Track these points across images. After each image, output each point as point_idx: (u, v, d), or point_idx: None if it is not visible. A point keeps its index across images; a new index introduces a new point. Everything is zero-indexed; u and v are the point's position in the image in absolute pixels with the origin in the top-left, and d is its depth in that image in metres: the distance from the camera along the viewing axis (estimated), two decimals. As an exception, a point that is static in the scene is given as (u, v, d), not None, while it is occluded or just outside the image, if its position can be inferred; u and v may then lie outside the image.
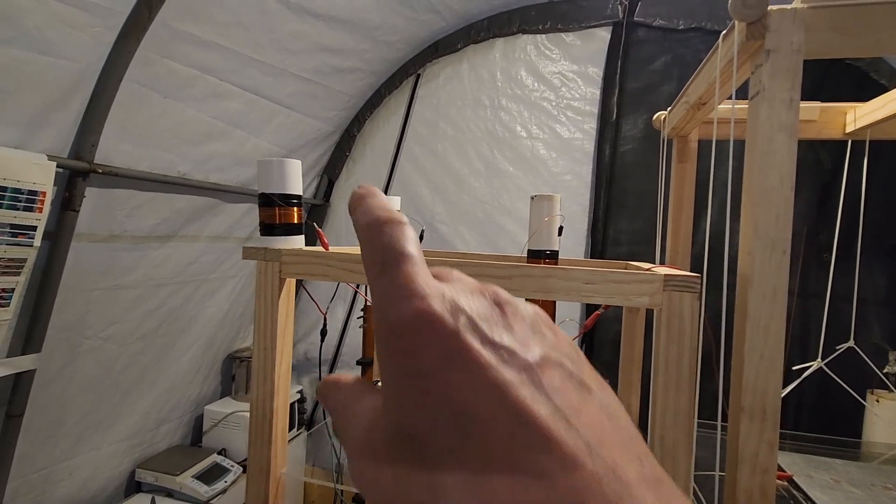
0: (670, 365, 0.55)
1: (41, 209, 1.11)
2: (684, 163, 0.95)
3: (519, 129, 2.11)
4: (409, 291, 0.15)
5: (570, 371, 0.15)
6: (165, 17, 1.21)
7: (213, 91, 1.48)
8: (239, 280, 1.99)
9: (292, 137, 1.93)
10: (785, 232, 0.52)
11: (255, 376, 0.68)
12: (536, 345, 0.15)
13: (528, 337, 0.15)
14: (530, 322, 0.16)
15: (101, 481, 1.61)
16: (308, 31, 1.60)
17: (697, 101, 0.78)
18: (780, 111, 0.52)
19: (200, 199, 1.66)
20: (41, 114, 1.11)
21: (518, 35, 2.09)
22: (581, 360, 0.16)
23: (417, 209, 2.18)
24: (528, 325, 0.16)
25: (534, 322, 0.16)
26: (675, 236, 0.97)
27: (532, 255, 0.80)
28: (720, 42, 0.62)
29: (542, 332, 0.16)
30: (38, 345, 1.26)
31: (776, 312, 0.52)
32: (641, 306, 0.58)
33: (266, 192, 0.70)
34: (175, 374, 1.82)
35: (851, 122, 0.88)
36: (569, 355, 0.16)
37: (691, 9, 1.90)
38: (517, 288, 0.61)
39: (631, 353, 0.92)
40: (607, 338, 1.95)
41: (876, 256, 1.76)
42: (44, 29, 1.03)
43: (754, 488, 0.52)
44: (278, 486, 0.70)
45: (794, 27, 0.52)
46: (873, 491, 0.74)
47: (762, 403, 0.52)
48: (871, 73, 1.75)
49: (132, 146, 1.35)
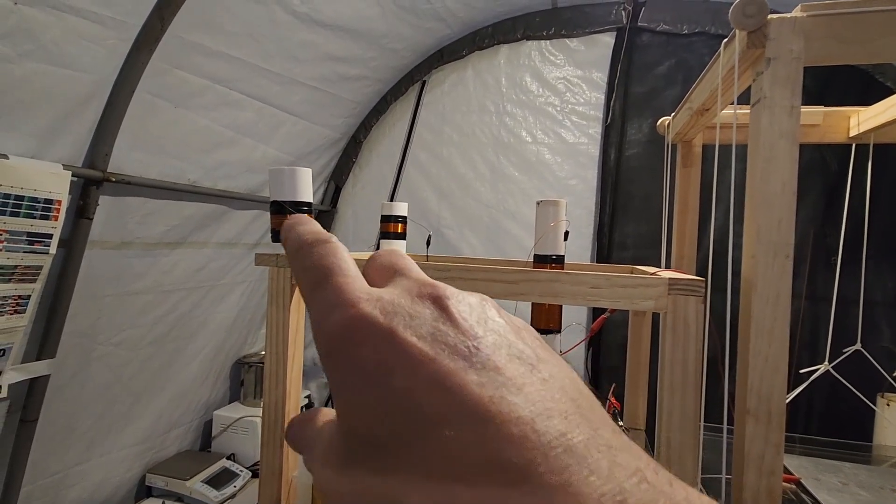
0: (676, 368, 0.55)
1: (57, 217, 1.13)
2: (688, 167, 0.96)
3: (524, 134, 2.12)
4: (340, 300, 0.15)
5: (519, 349, 0.15)
6: (177, 28, 1.24)
7: (223, 100, 1.51)
8: (247, 286, 2.01)
9: (300, 144, 1.95)
10: (787, 237, 0.53)
11: (267, 380, 0.70)
12: (479, 329, 0.15)
13: (469, 324, 0.15)
14: (475, 311, 0.16)
15: (112, 486, 1.62)
16: (316, 41, 1.62)
17: (700, 108, 0.79)
18: (781, 118, 0.53)
19: (209, 206, 1.68)
20: (57, 124, 1.14)
21: (522, 41, 2.11)
22: (531, 337, 0.16)
23: (424, 214, 2.20)
24: (470, 311, 0.15)
25: (479, 310, 0.16)
26: (681, 240, 0.98)
27: (538, 260, 0.81)
28: (722, 50, 0.63)
29: (486, 317, 0.16)
30: (53, 350, 1.28)
31: (780, 316, 0.53)
32: (646, 310, 0.59)
33: (277, 199, 0.72)
34: (185, 380, 1.84)
35: (855, 127, 0.88)
36: (518, 334, 0.16)
37: (694, 13, 1.91)
38: (524, 292, 0.62)
39: (637, 357, 0.93)
40: (614, 342, 1.95)
41: (886, 259, 1.75)
42: (61, 42, 1.05)
43: (761, 490, 0.52)
44: (290, 488, 0.71)
45: (793, 35, 0.53)
46: (882, 493, 0.74)
47: (767, 406, 0.52)
48: (877, 75, 1.75)
49: (144, 154, 1.38)
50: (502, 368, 0.14)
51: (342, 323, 0.15)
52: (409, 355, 0.14)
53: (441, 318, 0.15)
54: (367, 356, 0.14)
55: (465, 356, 0.14)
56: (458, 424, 0.13)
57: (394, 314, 0.15)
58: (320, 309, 0.16)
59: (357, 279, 0.16)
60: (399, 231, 1.07)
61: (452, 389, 0.13)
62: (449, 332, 0.15)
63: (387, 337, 0.14)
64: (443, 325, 0.15)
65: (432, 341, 0.14)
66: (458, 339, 0.14)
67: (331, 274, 0.16)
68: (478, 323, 0.15)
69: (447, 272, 0.65)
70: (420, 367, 0.14)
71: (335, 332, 0.15)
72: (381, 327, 0.14)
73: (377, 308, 0.15)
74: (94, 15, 1.08)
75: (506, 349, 0.15)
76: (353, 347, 0.15)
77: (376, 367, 0.14)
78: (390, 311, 0.15)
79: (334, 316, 0.15)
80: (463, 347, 0.14)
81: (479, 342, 0.14)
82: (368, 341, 0.14)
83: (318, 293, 0.16)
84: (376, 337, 0.14)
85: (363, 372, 0.14)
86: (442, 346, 0.14)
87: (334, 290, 0.16)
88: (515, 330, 0.16)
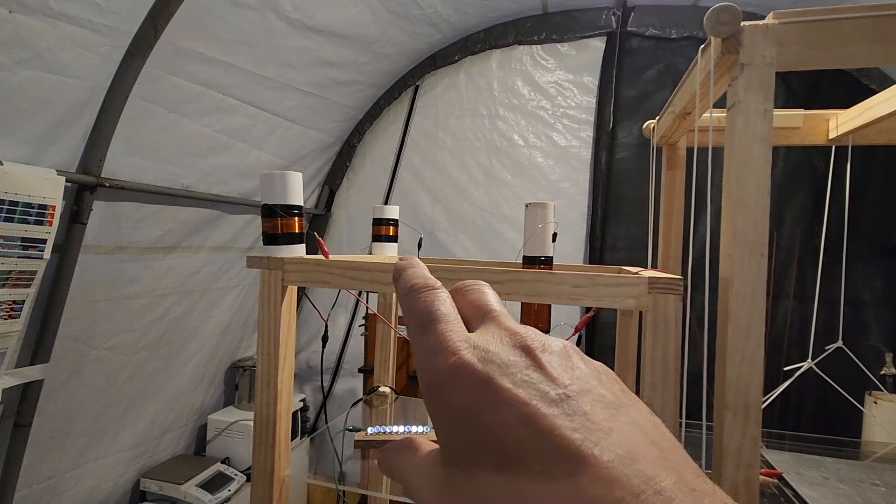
0: (656, 364, 0.57)
1: (51, 222, 1.14)
2: (673, 170, 0.98)
3: (516, 137, 2.15)
4: (443, 347, 0.17)
5: (601, 394, 0.16)
6: (171, 35, 1.26)
7: (217, 106, 1.52)
8: (241, 290, 2.02)
9: (294, 149, 1.97)
10: (762, 236, 0.55)
11: (258, 381, 0.71)
12: (566, 377, 0.16)
13: (557, 371, 0.16)
14: (559, 357, 0.17)
15: (106, 490, 1.62)
16: (309, 46, 1.64)
17: (682, 111, 0.81)
18: (755, 122, 0.55)
19: (203, 211, 1.69)
20: (51, 130, 1.15)
21: (514, 46, 2.14)
22: (611, 381, 0.18)
23: (417, 218, 2.22)
24: (557, 359, 0.17)
25: (563, 356, 0.17)
26: (667, 241, 1.00)
27: (527, 262, 0.82)
28: (699, 56, 0.65)
29: (571, 365, 0.17)
30: (47, 355, 1.29)
31: (756, 313, 0.54)
32: (628, 308, 0.61)
33: (268, 203, 0.73)
34: (179, 384, 1.84)
35: (834, 129, 0.90)
36: (599, 379, 0.17)
37: (682, 18, 1.94)
38: (510, 292, 0.63)
39: (625, 357, 0.94)
40: (607, 344, 1.96)
41: (873, 259, 1.78)
42: (55, 50, 1.07)
43: (739, 483, 0.54)
44: (282, 488, 0.72)
45: (766, 42, 0.55)
46: (861, 487, 0.76)
47: (745, 400, 0.54)
48: (862, 78, 1.78)
49: (138, 160, 1.39)
50: (590, 414, 0.15)
51: (446, 367, 0.17)
52: (504, 399, 0.16)
53: (532, 366, 0.16)
54: (469, 400, 0.16)
55: (556, 402, 0.15)
56: (547, 462, 0.14)
57: (489, 362, 0.16)
58: (425, 352, 0.18)
59: (457, 326, 0.18)
60: (391, 234, 1.09)
61: (545, 430, 0.15)
62: (540, 379, 0.16)
63: (484, 382, 0.16)
64: (534, 373, 0.16)
65: (526, 387, 0.16)
66: (549, 386, 0.16)
67: (435, 320, 0.18)
68: (564, 370, 0.17)
69: (433, 274, 0.66)
70: (514, 409, 0.15)
71: (440, 377, 0.17)
72: (479, 374, 0.16)
73: (475, 356, 0.17)
74: (89, 23, 1.09)
75: (591, 395, 0.16)
76: (454, 390, 0.16)
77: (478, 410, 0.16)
78: (487, 359, 0.17)
79: (437, 360, 0.17)
80: (554, 394, 0.16)
81: (567, 389, 0.16)
82: (469, 386, 0.16)
83: (423, 337, 0.18)
84: (476, 382, 0.16)
85: (465, 414, 0.16)
86: (534, 392, 0.16)
87: (438, 336, 0.18)
88: (597, 375, 0.17)
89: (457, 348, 0.17)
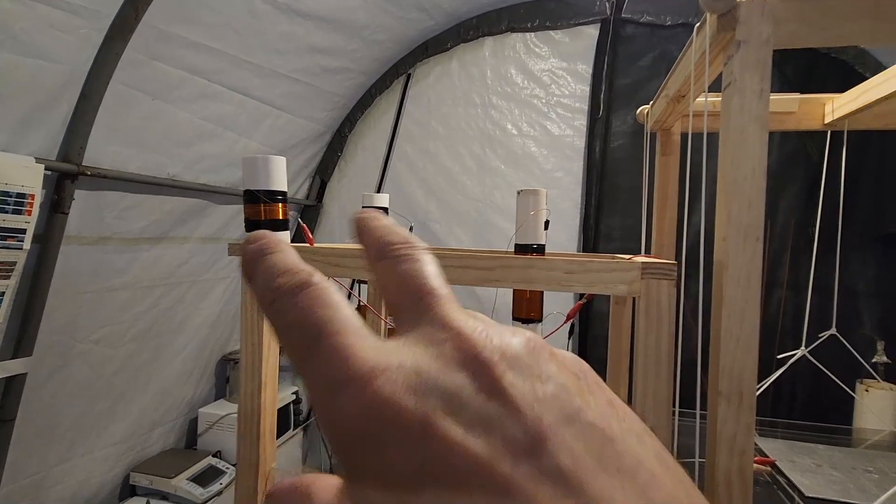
0: (649, 351, 0.56)
1: (30, 212, 1.11)
2: (668, 155, 0.96)
3: (510, 126, 2.12)
4: (346, 375, 0.11)
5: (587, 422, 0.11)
6: (153, 19, 1.22)
7: (202, 92, 1.49)
8: (231, 281, 1.99)
9: (283, 138, 1.93)
10: (757, 220, 0.53)
11: (243, 373, 0.69)
12: (536, 404, 0.11)
13: (522, 394, 0.11)
14: (523, 367, 0.12)
15: (94, 486, 1.60)
16: (297, 32, 1.60)
17: (676, 94, 0.79)
18: (751, 101, 0.54)
19: (191, 201, 1.66)
20: (29, 116, 1.11)
21: (507, 33, 2.11)
22: (594, 386, 0.13)
23: (410, 208, 2.19)
24: (521, 373, 0.12)
25: (527, 364, 0.12)
26: (661, 228, 0.99)
27: (519, 250, 0.81)
28: (694, 35, 0.63)
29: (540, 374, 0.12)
30: (29, 348, 1.26)
31: (751, 298, 0.53)
32: (620, 294, 0.59)
33: (250, 188, 0.71)
34: (168, 377, 1.82)
35: (829, 113, 0.89)
36: (578, 385, 0.12)
37: (677, 4, 1.91)
38: (500, 279, 0.62)
39: (619, 346, 0.93)
40: (601, 334, 1.96)
41: (867, 247, 1.78)
42: (31, 32, 1.03)
43: (732, 470, 0.53)
44: (267, 481, 0.71)
45: (763, 19, 0.53)
46: (853, 474, 0.76)
47: (739, 387, 0.53)
48: (857, 65, 1.77)
49: (121, 148, 1.35)
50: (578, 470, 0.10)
51: (356, 410, 0.11)
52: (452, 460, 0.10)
53: (487, 391, 0.11)
54: (397, 461, 0.10)
55: (528, 454, 0.10)
56: None
57: (424, 393, 0.11)
58: (320, 387, 0.11)
59: (362, 335, 0.12)
60: (380, 222, 1.07)
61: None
62: (500, 413, 0.11)
63: (419, 430, 0.10)
64: (491, 404, 0.11)
65: (483, 433, 0.11)
66: (515, 426, 0.11)
67: (326, 333, 0.12)
68: (533, 388, 0.11)
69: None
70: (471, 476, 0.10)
71: (346, 424, 0.11)
72: (409, 416, 0.11)
73: (401, 385, 0.11)
74: (66, 4, 1.06)
75: (574, 427, 0.11)
76: (376, 449, 0.11)
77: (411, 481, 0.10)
78: (419, 388, 0.11)
79: (342, 399, 0.11)
80: (524, 439, 0.11)
81: (541, 425, 0.11)
82: (396, 439, 0.10)
83: (312, 363, 0.12)
84: (409, 433, 0.11)
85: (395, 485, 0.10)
86: (496, 441, 0.11)
87: (335, 357, 0.12)
88: (574, 379, 0.12)
89: (368, 373, 0.11)
